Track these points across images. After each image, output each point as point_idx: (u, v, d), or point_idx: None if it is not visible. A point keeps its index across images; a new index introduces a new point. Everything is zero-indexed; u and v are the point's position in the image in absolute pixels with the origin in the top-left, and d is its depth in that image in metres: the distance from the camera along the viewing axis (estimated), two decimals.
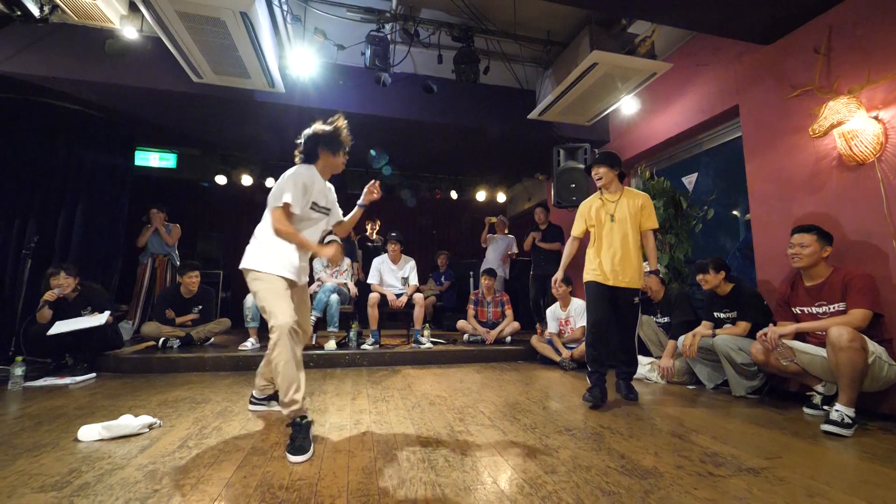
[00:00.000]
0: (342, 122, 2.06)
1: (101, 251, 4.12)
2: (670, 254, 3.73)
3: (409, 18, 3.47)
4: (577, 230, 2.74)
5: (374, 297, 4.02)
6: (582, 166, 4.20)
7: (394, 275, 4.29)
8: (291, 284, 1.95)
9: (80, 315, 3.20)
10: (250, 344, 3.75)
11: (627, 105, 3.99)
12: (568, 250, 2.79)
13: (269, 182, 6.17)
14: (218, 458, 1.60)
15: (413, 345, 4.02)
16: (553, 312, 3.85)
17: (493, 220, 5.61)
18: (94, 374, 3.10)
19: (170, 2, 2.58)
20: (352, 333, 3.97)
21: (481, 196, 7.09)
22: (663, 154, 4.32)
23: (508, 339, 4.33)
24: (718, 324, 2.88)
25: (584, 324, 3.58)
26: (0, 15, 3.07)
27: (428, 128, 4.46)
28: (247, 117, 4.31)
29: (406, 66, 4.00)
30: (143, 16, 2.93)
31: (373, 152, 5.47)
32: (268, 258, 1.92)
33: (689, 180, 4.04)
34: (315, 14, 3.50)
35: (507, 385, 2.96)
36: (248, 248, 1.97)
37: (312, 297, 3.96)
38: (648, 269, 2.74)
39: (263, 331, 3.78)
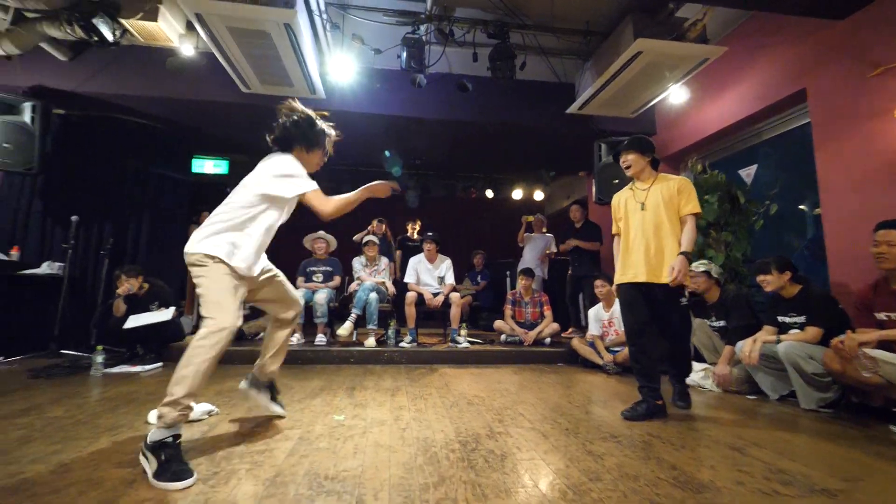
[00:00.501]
0: (326, 124, 1.99)
1: (165, 251, 4.47)
2: (726, 253, 3.50)
3: (443, 18, 3.48)
4: (615, 228, 2.53)
5: (411, 295, 4.08)
6: None
7: (430, 274, 4.33)
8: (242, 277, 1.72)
9: (149, 310, 3.48)
10: (296, 339, 3.92)
11: (676, 94, 3.78)
12: (615, 251, 2.53)
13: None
14: (269, 446, 1.69)
15: (450, 344, 4.04)
16: (595, 314, 3.73)
17: (530, 218, 5.52)
18: (160, 364, 3.37)
19: (221, 19, 2.76)
20: (390, 331, 4.06)
21: (518, 194, 6.99)
22: (717, 146, 4.06)
23: (548, 340, 4.25)
24: (783, 329, 2.65)
25: None
26: (80, 41, 3.42)
27: (463, 127, 4.46)
28: None
29: (441, 66, 4.02)
30: (198, 34, 3.14)
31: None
32: (224, 247, 1.67)
33: (748, 173, 3.77)
34: (353, 20, 3.60)
35: (547, 388, 2.90)
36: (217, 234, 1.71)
37: (352, 295, 4.09)
38: (697, 269, 2.56)
39: (309, 326, 4.00)
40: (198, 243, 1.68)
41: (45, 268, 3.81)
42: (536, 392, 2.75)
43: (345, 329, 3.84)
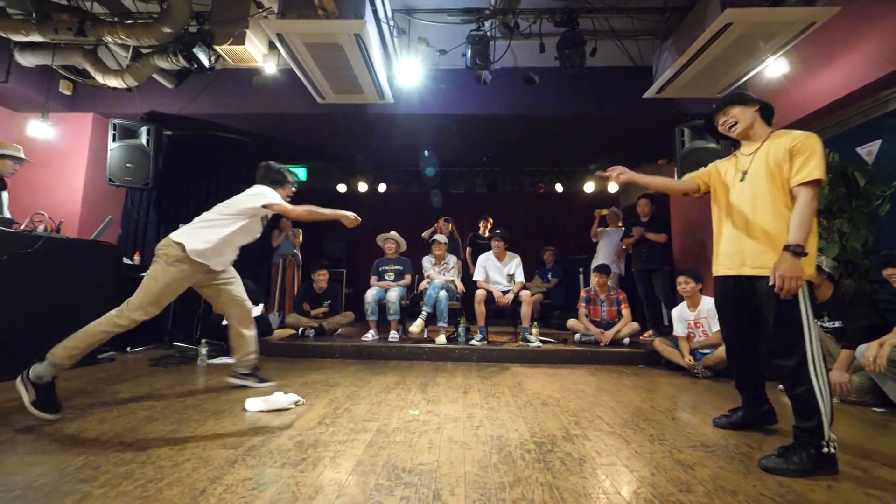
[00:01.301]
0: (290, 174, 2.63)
1: (253, 253, 4.93)
2: (841, 243, 3.03)
3: (508, 11, 3.42)
4: (694, 173, 2.05)
5: (480, 293, 4.07)
6: (713, 145, 3.66)
7: (499, 272, 4.28)
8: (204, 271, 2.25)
9: None
10: (370, 335, 4.10)
11: (773, 67, 3.35)
12: (663, 180, 2.10)
13: (382, 187, 6.69)
14: (350, 437, 1.78)
15: (521, 343, 3.97)
16: (679, 313, 3.42)
17: (604, 212, 5.23)
18: None
19: (299, 36, 2.97)
20: (460, 329, 4.08)
21: (589, 187, 6.66)
22: (827, 121, 3.52)
23: (626, 340, 4.00)
24: None
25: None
26: (183, 69, 3.90)
27: (530, 120, 4.35)
28: (361, 129, 4.73)
29: (506, 60, 3.95)
30: (279, 52, 3.42)
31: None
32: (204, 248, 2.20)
33: (869, 150, 3.22)
34: (418, 24, 3.67)
35: (627, 390, 2.73)
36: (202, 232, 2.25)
37: (423, 293, 4.18)
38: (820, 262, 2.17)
39: (383, 322, 4.18)
40: (177, 236, 2.20)
41: None
42: (615, 394, 2.60)
43: (416, 326, 3.95)
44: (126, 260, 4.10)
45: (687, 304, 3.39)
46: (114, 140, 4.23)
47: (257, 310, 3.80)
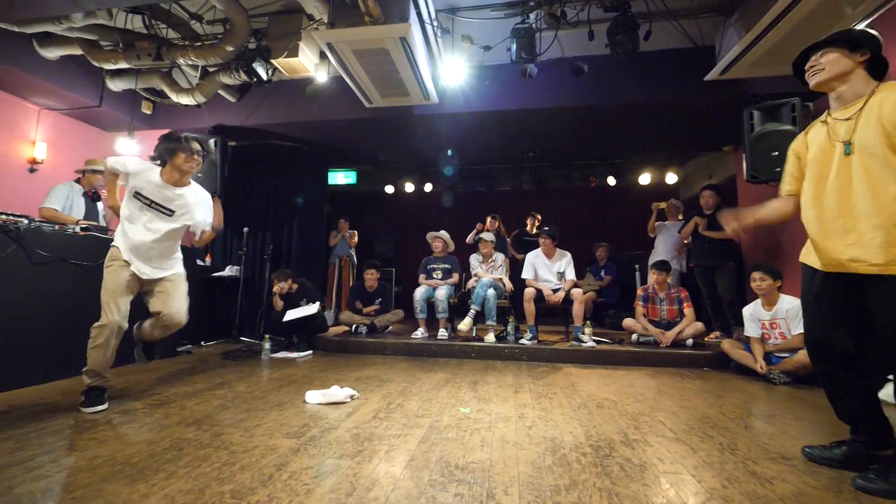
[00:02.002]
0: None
1: (310, 254, 5.20)
2: None
3: (554, 1, 3.32)
4: (784, 183, 1.67)
5: (529, 292, 3.99)
6: (789, 127, 3.32)
7: (549, 270, 4.18)
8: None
9: (300, 305, 4.08)
10: (420, 333, 4.17)
11: None
12: (770, 209, 1.70)
13: (428, 187, 6.77)
14: (403, 431, 1.82)
15: (573, 342, 3.84)
16: (752, 312, 3.14)
17: (662, 205, 4.93)
18: (311, 352, 3.92)
19: (348, 44, 3.08)
20: (509, 328, 4.04)
21: (645, 179, 6.31)
22: None
23: (690, 341, 3.74)
24: None
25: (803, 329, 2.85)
26: (244, 84, 4.19)
27: (579, 112, 4.20)
28: (407, 131, 4.81)
29: (552, 52, 3.82)
30: (329, 61, 3.57)
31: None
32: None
33: None
34: (461, 22, 3.66)
35: (691, 395, 2.56)
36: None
37: (471, 291, 4.17)
38: None
39: (431, 320, 4.23)
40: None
41: (228, 271, 4.75)
42: (678, 399, 2.44)
43: (465, 324, 3.95)
44: (199, 262, 4.47)
45: (762, 303, 3.11)
46: None
47: (314, 307, 3.99)
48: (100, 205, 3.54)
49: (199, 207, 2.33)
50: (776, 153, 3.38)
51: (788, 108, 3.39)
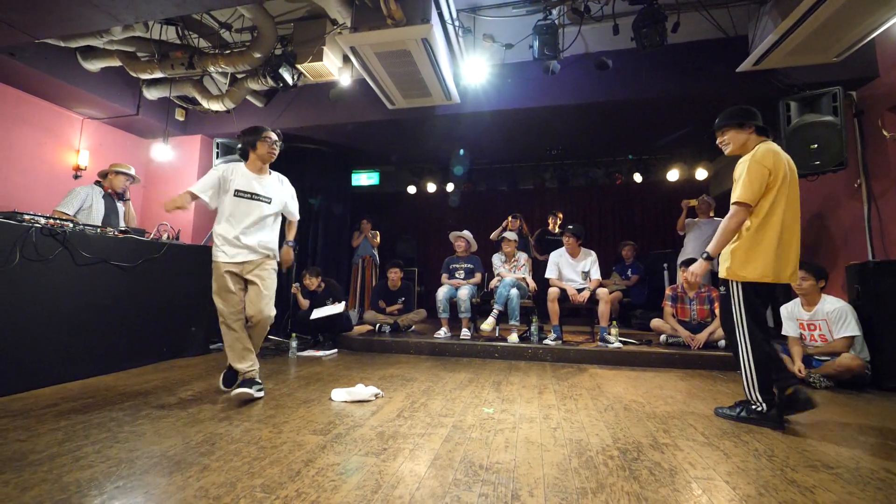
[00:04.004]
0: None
1: (334, 254, 5.29)
2: None
3: None
4: (754, 194, 2.02)
5: (553, 291, 3.94)
6: (830, 118, 3.16)
7: (573, 269, 4.11)
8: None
9: (325, 305, 4.16)
10: (443, 333, 4.18)
11: None
12: (729, 225, 2.08)
13: (450, 187, 6.78)
14: (427, 430, 1.83)
15: (599, 343, 3.77)
16: (791, 311, 2.99)
17: (693, 202, 4.76)
18: (335, 350, 3.99)
19: (371, 47, 3.12)
20: (533, 328, 3.99)
21: (673, 175, 6.11)
22: None
23: (721, 343, 3.60)
24: None
25: (848, 333, 2.71)
26: (271, 89, 4.30)
27: (603, 108, 4.11)
28: (429, 131, 4.83)
29: (576, 47, 3.77)
30: (352, 65, 3.62)
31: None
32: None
33: None
34: (483, 21, 3.65)
35: (724, 398, 2.46)
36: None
37: (493, 291, 4.15)
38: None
39: (454, 320, 4.23)
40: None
41: None
42: (710, 402, 2.36)
43: (488, 324, 3.93)
44: None
45: (801, 302, 2.96)
46: (217, 157, 4.79)
47: (339, 307, 4.06)
48: (120, 205, 3.63)
49: (286, 192, 2.70)
50: (814, 146, 3.22)
51: (829, 97, 3.23)
